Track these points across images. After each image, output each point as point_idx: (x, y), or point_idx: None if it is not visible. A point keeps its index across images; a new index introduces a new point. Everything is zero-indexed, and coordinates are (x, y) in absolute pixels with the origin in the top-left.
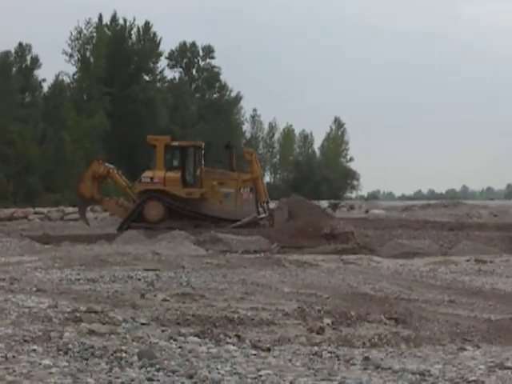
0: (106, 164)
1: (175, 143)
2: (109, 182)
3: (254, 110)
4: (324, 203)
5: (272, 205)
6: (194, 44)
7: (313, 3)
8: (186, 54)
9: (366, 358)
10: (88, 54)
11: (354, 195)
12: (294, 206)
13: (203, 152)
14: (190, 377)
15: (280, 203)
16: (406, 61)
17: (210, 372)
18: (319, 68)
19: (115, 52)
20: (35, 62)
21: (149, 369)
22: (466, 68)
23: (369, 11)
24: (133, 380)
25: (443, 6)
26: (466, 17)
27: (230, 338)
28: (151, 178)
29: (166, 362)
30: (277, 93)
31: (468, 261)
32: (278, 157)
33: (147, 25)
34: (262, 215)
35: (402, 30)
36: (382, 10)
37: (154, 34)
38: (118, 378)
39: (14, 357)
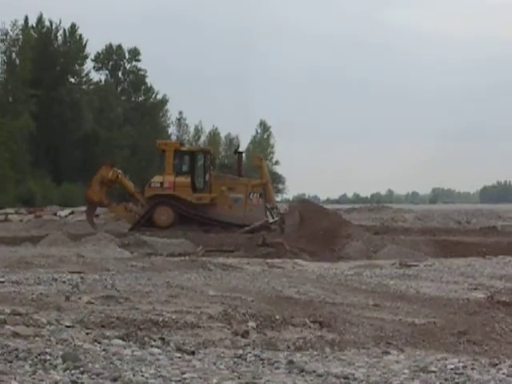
0: (115, 169)
1: (184, 148)
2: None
3: (180, 112)
4: None
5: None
6: (120, 46)
7: (241, 5)
8: (112, 57)
9: (291, 362)
10: (14, 55)
11: (279, 199)
12: (306, 210)
13: (212, 157)
14: (115, 379)
15: (290, 207)
16: (331, 65)
17: (134, 375)
18: (245, 71)
19: (41, 54)
20: None
21: (73, 371)
22: (392, 73)
23: (296, 15)
24: (57, 382)
25: (367, 10)
26: (390, 21)
27: (155, 340)
28: (161, 183)
29: (90, 364)
30: (203, 96)
31: (393, 265)
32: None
33: (73, 27)
34: (273, 219)
35: (327, 34)
36: (309, 14)
37: (80, 36)
38: (42, 380)
39: None
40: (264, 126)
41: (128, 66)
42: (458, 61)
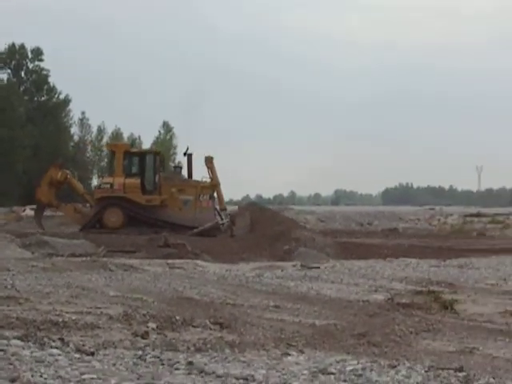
0: (64, 170)
1: (134, 150)
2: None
3: (83, 112)
4: None
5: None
6: (23, 46)
7: (161, 9)
8: (14, 56)
9: (190, 363)
10: None
11: None
12: (256, 213)
13: (162, 159)
14: (13, 380)
15: (240, 210)
16: (240, 66)
17: (32, 375)
18: (149, 71)
19: None
20: None
21: None
22: (298, 78)
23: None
24: None
25: (265, 12)
26: (288, 24)
27: (54, 341)
28: (111, 185)
29: None
30: (106, 96)
31: (294, 266)
32: (106, 160)
33: None
34: (224, 221)
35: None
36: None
37: None
38: None
39: None
40: (167, 127)
41: (31, 66)
42: (362, 66)
